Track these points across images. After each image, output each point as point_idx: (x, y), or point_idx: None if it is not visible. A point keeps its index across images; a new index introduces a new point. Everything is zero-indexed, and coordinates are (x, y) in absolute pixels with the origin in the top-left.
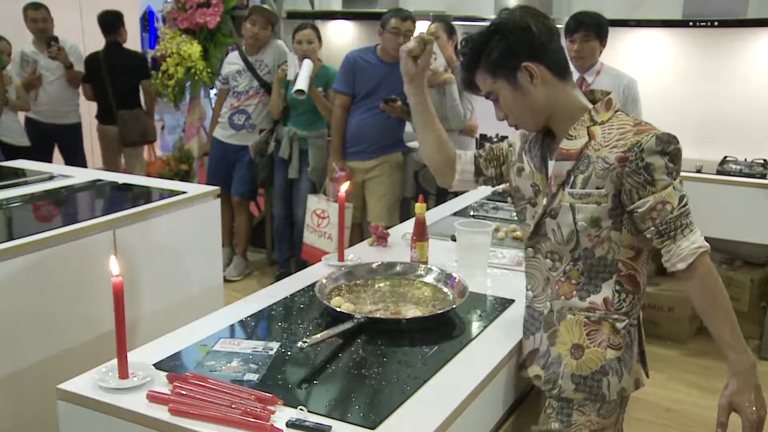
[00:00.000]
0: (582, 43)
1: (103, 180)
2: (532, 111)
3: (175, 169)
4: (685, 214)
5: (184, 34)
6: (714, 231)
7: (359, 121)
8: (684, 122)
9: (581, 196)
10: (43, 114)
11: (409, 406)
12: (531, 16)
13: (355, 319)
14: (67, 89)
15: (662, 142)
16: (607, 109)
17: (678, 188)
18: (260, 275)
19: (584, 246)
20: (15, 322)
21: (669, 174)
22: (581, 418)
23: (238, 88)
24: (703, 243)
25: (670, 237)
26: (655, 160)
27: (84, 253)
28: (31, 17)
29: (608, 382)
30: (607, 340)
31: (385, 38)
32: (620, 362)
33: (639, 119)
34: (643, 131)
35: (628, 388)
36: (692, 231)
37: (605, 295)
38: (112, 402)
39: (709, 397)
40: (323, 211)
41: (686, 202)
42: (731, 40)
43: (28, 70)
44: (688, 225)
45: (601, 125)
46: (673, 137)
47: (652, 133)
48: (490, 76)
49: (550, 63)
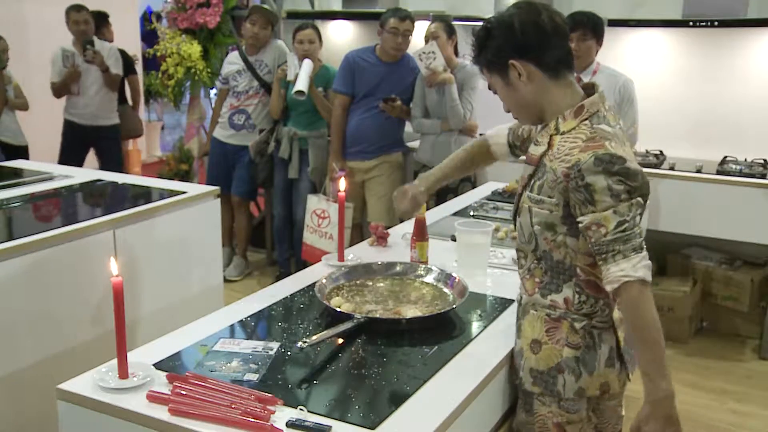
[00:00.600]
0: (579, 42)
1: (103, 180)
2: (524, 106)
3: (175, 169)
4: (622, 240)
5: (184, 34)
6: (714, 231)
7: (359, 121)
8: (684, 122)
9: (536, 201)
10: (82, 116)
11: (409, 406)
12: (520, 14)
13: (355, 319)
14: (105, 91)
15: (602, 162)
16: (574, 116)
17: (622, 213)
18: (260, 275)
19: (542, 248)
20: (15, 322)
21: (613, 196)
22: (542, 409)
23: (238, 88)
24: (633, 273)
25: (602, 259)
26: (597, 180)
27: (84, 253)
28: (74, 19)
29: (564, 380)
30: (565, 339)
31: (384, 38)
32: (578, 362)
33: (598, 133)
34: (588, 148)
35: (588, 389)
36: (626, 258)
37: (566, 295)
38: (112, 402)
39: (709, 397)
40: (323, 211)
41: (626, 228)
42: (731, 40)
43: (68, 64)
44: (621, 251)
45: (562, 135)
46: (617, 158)
47: (592, 153)
48: (487, 72)
49: (539, 61)
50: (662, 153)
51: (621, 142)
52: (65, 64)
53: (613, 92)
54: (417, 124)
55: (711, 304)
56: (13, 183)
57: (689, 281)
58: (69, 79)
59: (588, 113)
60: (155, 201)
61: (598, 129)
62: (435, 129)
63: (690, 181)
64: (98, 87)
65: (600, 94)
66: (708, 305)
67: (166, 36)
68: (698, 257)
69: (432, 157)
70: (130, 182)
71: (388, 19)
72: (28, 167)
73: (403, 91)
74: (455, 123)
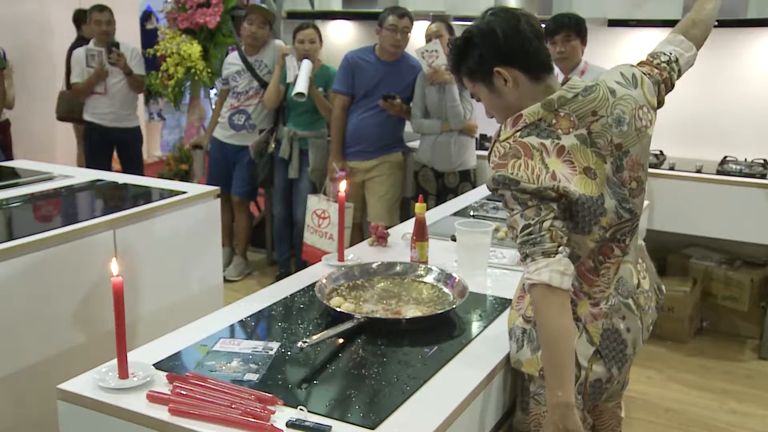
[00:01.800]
0: (564, 43)
1: (103, 180)
2: (509, 111)
3: (175, 169)
4: (530, 243)
5: (184, 34)
6: (714, 231)
7: (359, 120)
8: (684, 122)
9: None
10: (105, 118)
11: (409, 406)
12: (500, 21)
13: (355, 319)
14: (128, 93)
15: (498, 183)
16: (512, 126)
17: (527, 216)
18: (260, 275)
19: None
20: (15, 322)
21: (521, 203)
22: (538, 408)
23: (237, 88)
24: (536, 276)
25: (521, 261)
26: (503, 192)
27: (84, 253)
28: (96, 19)
29: (510, 346)
30: (524, 309)
31: (382, 36)
32: (524, 334)
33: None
34: (498, 166)
35: (525, 365)
36: (533, 261)
37: None
38: (112, 402)
39: (708, 397)
40: (324, 212)
41: (531, 231)
42: (731, 40)
43: (93, 64)
44: (530, 254)
45: (499, 143)
46: (509, 180)
47: (493, 174)
48: (470, 80)
49: (523, 66)
50: (662, 153)
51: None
52: (89, 64)
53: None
54: (417, 125)
55: (711, 304)
56: (13, 183)
57: (689, 281)
58: (95, 79)
59: (524, 123)
60: (155, 201)
61: (518, 143)
62: (435, 129)
63: (690, 181)
64: (120, 88)
65: (547, 103)
66: (708, 305)
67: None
68: (698, 257)
69: (432, 157)
70: (130, 182)
71: (387, 17)
72: (28, 167)
73: (402, 90)
74: (455, 123)
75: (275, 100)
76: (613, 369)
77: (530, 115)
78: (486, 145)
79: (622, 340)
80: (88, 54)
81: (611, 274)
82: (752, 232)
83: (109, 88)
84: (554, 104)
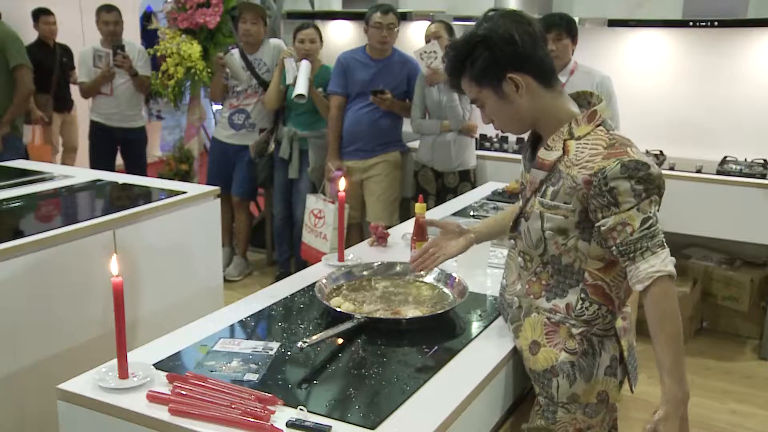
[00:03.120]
0: (555, 42)
1: (103, 180)
2: (518, 119)
3: (175, 169)
4: (649, 236)
5: (184, 34)
6: (714, 231)
7: (355, 118)
8: (684, 122)
9: (550, 207)
10: (111, 118)
11: (409, 406)
12: (515, 25)
13: (355, 319)
14: (134, 93)
15: (627, 169)
16: (588, 122)
17: (645, 210)
18: (260, 275)
19: (551, 253)
20: (15, 322)
21: (636, 196)
22: (566, 416)
23: (237, 87)
24: (664, 267)
25: (629, 259)
26: (620, 183)
27: (84, 253)
28: (104, 19)
29: (557, 383)
30: (563, 343)
31: (370, 34)
32: (573, 367)
33: (616, 139)
34: (612, 155)
35: (583, 396)
36: (654, 254)
37: (569, 301)
38: (112, 402)
39: (709, 397)
40: (320, 211)
41: (651, 224)
42: (731, 40)
43: (100, 64)
44: (649, 248)
45: (577, 140)
46: (641, 164)
47: (618, 160)
48: (476, 85)
49: (535, 72)
50: (662, 153)
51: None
52: (96, 65)
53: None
54: (417, 125)
55: (711, 304)
56: (13, 183)
57: (689, 281)
58: (101, 80)
59: (600, 119)
60: (155, 201)
61: (616, 135)
62: (434, 129)
63: (690, 181)
64: (126, 89)
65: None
66: (708, 305)
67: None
68: (698, 257)
69: (431, 158)
70: (130, 182)
71: (372, 15)
72: (28, 167)
73: (395, 86)
74: (454, 123)
75: (276, 101)
76: (633, 386)
77: (603, 110)
78: (486, 145)
79: (635, 357)
80: (96, 54)
81: None
82: (752, 232)
83: (115, 88)
84: None
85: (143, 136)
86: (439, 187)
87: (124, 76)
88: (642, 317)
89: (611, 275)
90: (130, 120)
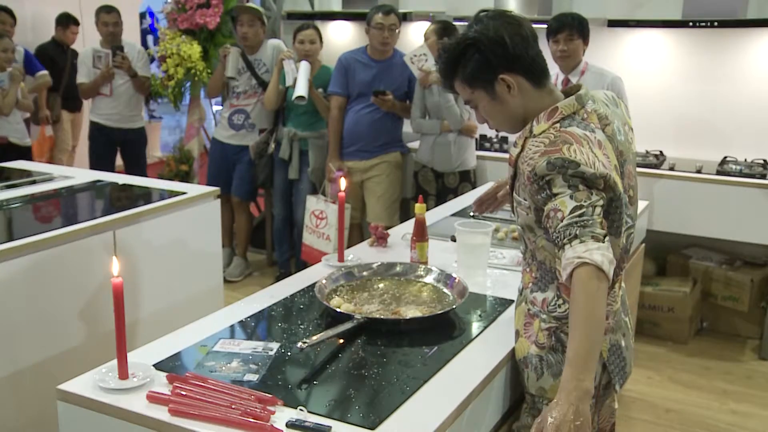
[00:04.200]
0: (566, 43)
1: (103, 181)
2: (511, 118)
3: (175, 169)
4: (579, 224)
5: (184, 34)
6: (714, 231)
7: (355, 119)
8: (684, 122)
9: (518, 202)
10: (110, 119)
11: (409, 406)
12: (505, 26)
13: (355, 319)
14: (133, 94)
15: (554, 167)
16: (547, 119)
17: (578, 198)
18: (260, 276)
19: (529, 248)
20: (15, 323)
21: (570, 186)
22: None
23: (237, 88)
24: (588, 255)
25: (559, 246)
26: (553, 177)
27: (84, 253)
28: (104, 20)
29: (527, 374)
30: (534, 336)
31: (371, 35)
32: (542, 361)
33: (560, 136)
34: (546, 153)
35: (549, 391)
36: (583, 242)
37: (546, 296)
38: (112, 402)
39: (708, 397)
40: (321, 212)
41: (583, 213)
42: (731, 40)
43: (99, 65)
44: (578, 236)
45: (534, 137)
46: (570, 162)
47: (547, 158)
48: (468, 87)
49: (526, 72)
50: (662, 153)
51: (590, 145)
52: (96, 65)
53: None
54: (416, 125)
55: (711, 304)
56: (13, 183)
57: (689, 281)
58: (101, 81)
59: (561, 115)
60: (155, 202)
61: (563, 132)
62: (434, 129)
63: (690, 182)
64: (126, 89)
65: (579, 96)
66: (708, 305)
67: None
68: (698, 257)
69: (431, 158)
70: (130, 183)
71: (373, 16)
72: (28, 168)
73: (396, 87)
74: (453, 123)
75: (275, 101)
76: (617, 385)
77: (566, 107)
78: (486, 145)
79: (623, 357)
80: (95, 55)
81: (617, 287)
82: (752, 232)
83: (114, 89)
84: (584, 99)
85: (143, 136)
86: (440, 188)
87: (123, 77)
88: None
89: None
90: (129, 121)
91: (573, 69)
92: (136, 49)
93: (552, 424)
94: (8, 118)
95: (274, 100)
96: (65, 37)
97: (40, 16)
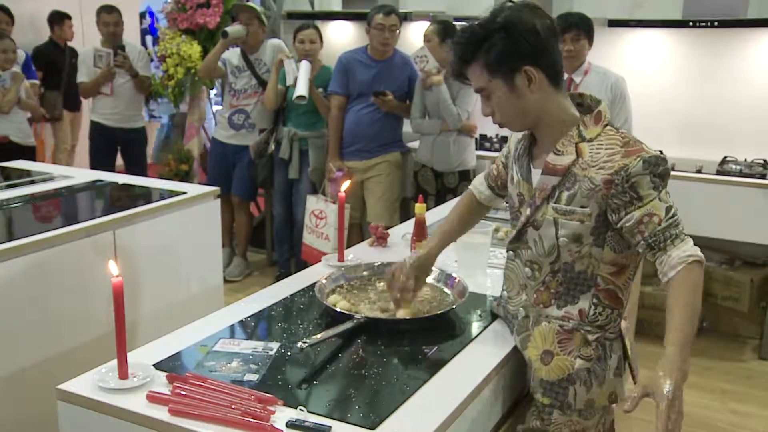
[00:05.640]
0: (573, 42)
1: (103, 180)
2: (523, 114)
3: (175, 169)
4: (674, 224)
5: (184, 34)
6: (714, 231)
7: (355, 119)
8: (684, 122)
9: (565, 212)
10: (111, 118)
11: (409, 406)
12: (538, 17)
13: (355, 319)
14: (134, 94)
15: (650, 165)
16: (596, 123)
17: (664, 200)
18: (260, 276)
19: (564, 260)
20: (15, 323)
21: (655, 188)
22: (561, 418)
23: (236, 86)
24: (696, 253)
25: (660, 249)
26: (640, 179)
27: (84, 253)
28: (104, 20)
29: (574, 391)
30: (577, 350)
31: (371, 35)
32: (590, 373)
33: (628, 137)
34: (631, 153)
35: (597, 400)
36: (684, 241)
37: (581, 307)
38: (112, 402)
39: (709, 397)
40: (321, 212)
41: (674, 213)
42: (731, 40)
43: (101, 65)
44: (678, 235)
45: (589, 142)
46: (661, 159)
47: (639, 157)
48: (488, 73)
49: (548, 69)
50: (662, 153)
51: None
52: (97, 65)
53: (605, 91)
54: (416, 125)
55: (711, 304)
56: (13, 183)
57: None
58: (102, 80)
59: (607, 119)
60: (155, 201)
61: (626, 134)
62: (434, 129)
63: (690, 181)
64: (127, 89)
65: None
66: (708, 305)
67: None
68: None
69: (431, 157)
70: (130, 183)
71: (374, 16)
72: (28, 167)
73: (397, 87)
74: (452, 123)
75: (274, 101)
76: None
77: (606, 111)
78: (486, 145)
79: (636, 353)
80: (96, 55)
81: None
82: (752, 232)
83: (115, 89)
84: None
85: (143, 136)
86: (439, 187)
87: (124, 77)
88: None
89: (623, 279)
90: (130, 120)
91: (576, 69)
92: (137, 49)
93: (669, 392)
94: (11, 117)
95: (274, 100)
96: (63, 34)
97: (39, 16)
